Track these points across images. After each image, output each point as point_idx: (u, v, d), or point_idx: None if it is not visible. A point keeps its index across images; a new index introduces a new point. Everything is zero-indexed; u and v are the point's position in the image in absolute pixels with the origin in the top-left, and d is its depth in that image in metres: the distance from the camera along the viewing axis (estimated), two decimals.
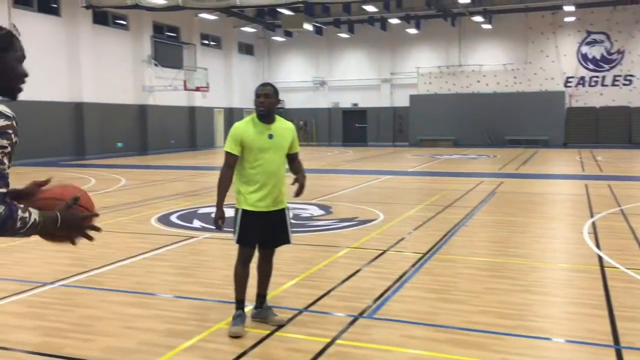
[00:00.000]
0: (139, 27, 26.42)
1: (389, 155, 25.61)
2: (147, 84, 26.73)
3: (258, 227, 4.27)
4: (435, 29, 32.43)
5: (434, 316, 4.58)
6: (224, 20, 31.27)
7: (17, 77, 2.07)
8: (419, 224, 8.61)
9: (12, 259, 6.58)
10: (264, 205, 4.25)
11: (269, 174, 4.23)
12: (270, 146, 4.23)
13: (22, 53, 2.10)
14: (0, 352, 3.93)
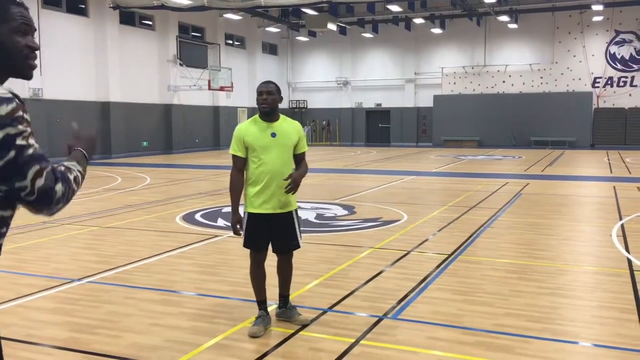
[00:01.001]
0: (165, 27, 26.69)
1: (413, 155, 25.47)
2: (172, 83, 26.99)
3: (265, 230, 4.24)
4: (460, 28, 32.17)
5: (459, 318, 4.54)
6: (248, 20, 31.43)
7: (17, 50, 1.80)
8: (443, 225, 8.55)
9: (40, 256, 6.69)
10: (269, 207, 4.20)
11: (273, 173, 4.16)
12: (273, 145, 4.18)
13: (20, 22, 1.81)
14: (30, 346, 4.00)
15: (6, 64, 1.80)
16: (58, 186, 1.76)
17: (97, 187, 13.20)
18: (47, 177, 1.73)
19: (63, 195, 1.78)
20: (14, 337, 4.11)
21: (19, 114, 1.71)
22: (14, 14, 1.79)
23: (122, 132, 24.48)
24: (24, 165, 1.69)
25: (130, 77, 24.86)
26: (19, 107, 1.72)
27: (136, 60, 25.31)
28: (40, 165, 1.73)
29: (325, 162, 21.41)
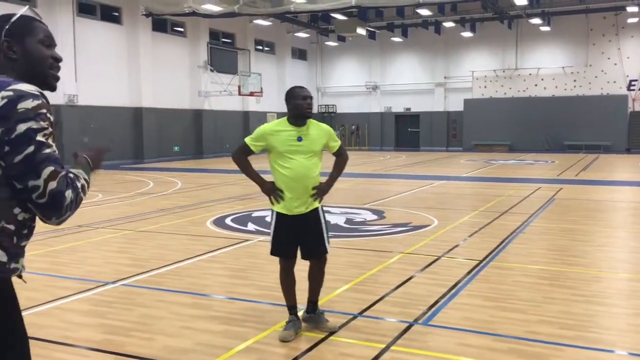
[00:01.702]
0: (196, 33, 27.06)
1: (443, 160, 25.27)
2: (203, 89, 27.33)
3: (293, 234, 4.21)
4: (491, 31, 31.85)
5: (491, 325, 4.48)
6: (278, 26, 31.65)
7: (43, 61, 1.92)
8: (474, 231, 8.45)
9: (75, 259, 6.83)
10: (295, 210, 4.18)
11: (298, 178, 4.14)
12: (298, 149, 4.16)
13: (44, 35, 1.94)
14: (66, 348, 4.09)
15: (32, 74, 1.90)
16: (68, 192, 1.77)
17: (130, 192, 13.43)
18: (60, 181, 1.75)
19: (72, 202, 1.78)
20: (51, 338, 4.20)
21: (43, 111, 1.76)
22: (37, 27, 1.92)
23: (154, 137, 24.86)
24: (40, 164, 1.71)
25: (162, 83, 25.26)
26: (44, 105, 1.77)
27: (168, 67, 25.71)
28: (55, 167, 1.76)
29: (355, 167, 21.39)
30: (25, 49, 1.89)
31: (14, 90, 1.72)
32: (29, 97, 1.73)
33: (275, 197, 4.18)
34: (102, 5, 22.79)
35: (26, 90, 1.75)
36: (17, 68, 1.88)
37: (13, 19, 1.90)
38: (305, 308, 4.48)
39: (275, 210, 4.23)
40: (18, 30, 1.89)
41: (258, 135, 4.24)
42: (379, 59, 35.33)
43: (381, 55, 35.27)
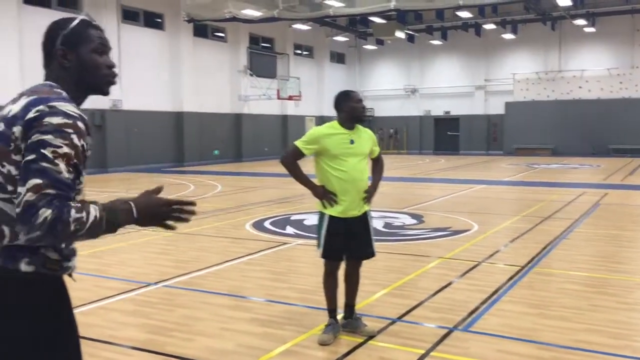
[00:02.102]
0: (236, 38, 27.40)
1: (483, 164, 24.91)
2: (243, 93, 27.64)
3: (343, 237, 4.21)
4: (533, 33, 31.26)
5: (534, 332, 4.39)
6: (317, 30, 31.77)
7: (97, 68, 1.93)
8: (515, 236, 8.31)
9: (119, 260, 7.00)
10: (347, 212, 4.20)
11: (352, 181, 4.17)
12: (351, 152, 4.20)
13: (99, 42, 1.94)
14: (111, 347, 4.19)
15: (87, 82, 1.93)
16: (44, 211, 1.61)
17: (171, 195, 13.67)
18: (40, 197, 1.63)
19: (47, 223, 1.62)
20: (97, 337, 4.32)
21: (67, 131, 1.71)
22: (91, 35, 1.93)
23: (195, 141, 25.26)
24: (30, 173, 1.66)
25: (203, 87, 25.66)
26: (72, 126, 1.73)
27: (208, 71, 26.10)
28: (44, 182, 1.64)
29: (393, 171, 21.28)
30: (79, 57, 1.91)
31: (51, 106, 1.74)
32: (60, 114, 1.73)
33: (327, 200, 4.19)
34: (146, 12, 23.30)
35: (62, 109, 1.74)
36: (70, 76, 1.91)
37: (69, 26, 1.92)
38: (343, 313, 4.47)
39: (327, 213, 4.21)
40: (73, 39, 1.91)
41: (311, 138, 4.22)
42: (418, 62, 35.09)
43: (420, 58, 35.02)
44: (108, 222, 1.71)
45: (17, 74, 18.33)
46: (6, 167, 1.76)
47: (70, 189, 1.71)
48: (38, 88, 1.87)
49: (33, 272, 1.80)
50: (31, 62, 18.58)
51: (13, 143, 1.74)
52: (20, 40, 18.56)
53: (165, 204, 1.79)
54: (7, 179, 1.76)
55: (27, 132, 1.72)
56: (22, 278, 1.79)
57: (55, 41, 1.92)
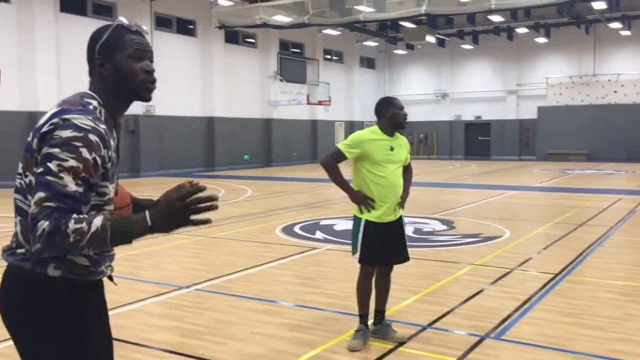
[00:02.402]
0: (267, 44, 27.63)
1: (515, 169, 24.57)
2: (273, 98, 27.82)
3: (380, 241, 4.23)
4: (566, 37, 30.76)
5: (568, 341, 4.32)
6: (347, 35, 31.82)
7: (133, 76, 1.92)
8: (548, 243, 8.17)
9: (151, 263, 7.11)
10: (385, 217, 4.24)
11: (390, 187, 4.23)
12: (391, 159, 4.25)
13: (135, 48, 1.92)
14: (143, 349, 4.26)
15: (125, 89, 1.94)
16: (42, 223, 1.64)
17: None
18: (42, 209, 1.66)
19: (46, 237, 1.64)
20: (130, 339, 4.39)
21: (75, 144, 1.71)
22: (128, 41, 1.92)
23: (225, 146, 25.51)
24: (37, 185, 1.71)
25: (234, 93, 25.92)
26: (82, 139, 1.72)
27: (239, 77, 26.37)
28: (46, 195, 1.67)
29: (423, 176, 21.13)
30: (115, 65, 1.91)
31: (64, 119, 1.74)
32: (71, 127, 1.72)
33: (365, 205, 4.20)
34: (178, 19, 23.68)
35: (75, 122, 1.73)
36: (109, 84, 1.93)
37: (105, 35, 1.92)
38: (373, 320, 4.45)
39: (364, 218, 4.23)
40: (109, 46, 1.91)
41: (355, 141, 4.23)
42: (449, 66, 34.83)
43: (451, 62, 34.76)
44: (119, 233, 1.68)
45: (55, 81, 18.81)
46: (29, 177, 1.81)
47: (77, 202, 1.70)
48: (69, 98, 1.89)
49: (60, 276, 1.83)
50: (67, 69, 19.08)
51: (33, 155, 1.79)
52: (57, 47, 19.05)
53: (177, 198, 1.70)
54: (29, 189, 1.80)
55: (40, 144, 1.75)
56: (49, 282, 1.83)
57: (93, 50, 1.94)
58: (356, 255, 4.28)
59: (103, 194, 1.87)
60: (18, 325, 1.87)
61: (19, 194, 1.86)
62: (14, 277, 1.86)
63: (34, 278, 1.82)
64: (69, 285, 1.86)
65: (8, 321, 1.90)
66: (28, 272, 1.82)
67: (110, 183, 1.88)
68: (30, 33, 18.29)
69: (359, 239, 4.24)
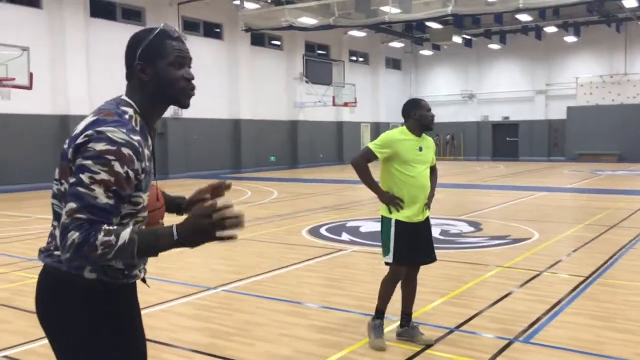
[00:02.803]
0: (292, 46, 27.74)
1: (544, 170, 24.22)
2: (298, 100, 27.91)
3: (412, 241, 4.25)
4: (596, 35, 30.22)
5: (599, 345, 4.25)
6: (372, 37, 31.76)
7: (173, 82, 1.93)
8: (579, 245, 8.05)
9: (180, 264, 7.20)
10: (417, 217, 4.28)
11: (420, 187, 4.26)
12: (420, 159, 4.29)
13: (176, 55, 1.93)
14: (173, 349, 4.32)
15: (165, 95, 1.96)
16: (72, 234, 1.68)
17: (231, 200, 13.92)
18: (73, 220, 1.69)
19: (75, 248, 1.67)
20: (160, 339, 4.46)
21: (109, 157, 1.74)
22: (169, 48, 1.93)
23: (251, 147, 25.68)
24: (69, 196, 1.74)
25: (260, 95, 26.08)
26: (115, 153, 1.74)
27: (265, 79, 26.52)
28: (77, 206, 1.70)
29: (450, 177, 20.98)
30: (156, 71, 1.91)
31: (99, 132, 1.76)
32: (105, 140, 1.75)
33: (395, 206, 4.22)
34: (205, 22, 23.92)
35: (109, 134, 1.75)
36: (148, 90, 1.93)
37: (147, 40, 1.92)
38: (400, 322, 4.45)
39: (394, 218, 4.24)
40: (150, 52, 1.91)
41: (386, 141, 4.27)
42: (476, 66, 34.51)
43: (478, 63, 34.44)
44: (146, 246, 1.72)
45: (85, 86, 19.17)
46: (64, 185, 1.85)
47: (107, 214, 1.73)
48: (105, 107, 1.90)
49: (95, 279, 1.88)
50: (97, 73, 19.43)
51: (68, 164, 1.82)
52: (88, 52, 19.41)
53: (204, 215, 1.73)
54: (64, 197, 1.84)
55: (75, 155, 1.78)
56: (85, 284, 1.87)
57: (134, 55, 1.93)
58: (389, 256, 4.27)
59: (136, 203, 1.90)
60: (53, 325, 1.92)
61: (56, 199, 1.90)
62: (50, 278, 1.91)
63: (70, 280, 1.87)
64: (104, 288, 1.90)
65: (44, 321, 1.94)
66: (64, 274, 1.87)
67: (144, 192, 1.91)
68: (61, 38, 18.67)
69: (391, 239, 4.25)
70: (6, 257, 7.70)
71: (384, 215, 4.31)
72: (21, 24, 17.80)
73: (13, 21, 17.59)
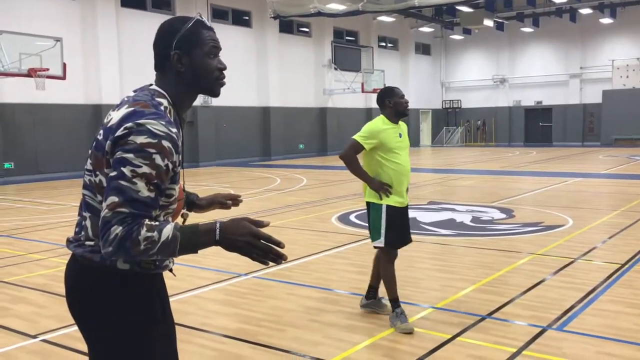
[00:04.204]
0: (321, 33, 27.62)
1: (578, 156, 23.73)
2: (327, 87, 27.83)
3: (400, 224, 4.47)
4: (634, 17, 29.36)
5: (636, 334, 4.16)
6: (401, 22, 31.42)
7: (208, 72, 1.94)
8: (614, 232, 7.87)
9: (212, 250, 7.21)
10: (405, 202, 4.51)
11: (406, 172, 4.48)
12: (402, 145, 4.50)
13: (211, 45, 1.94)
14: (204, 334, 4.38)
15: (199, 84, 1.96)
16: (115, 228, 1.66)
17: (259, 188, 14.03)
18: (115, 214, 1.67)
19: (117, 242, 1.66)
20: (191, 324, 4.52)
21: (150, 151, 1.72)
22: (205, 38, 1.94)
23: (281, 135, 25.75)
24: (110, 189, 1.71)
25: (289, 82, 26.08)
26: (156, 146, 1.73)
27: (294, 66, 26.49)
28: (120, 200, 1.68)
29: (481, 164, 20.72)
30: (193, 62, 1.91)
31: (138, 124, 1.74)
32: (146, 133, 1.73)
33: (384, 192, 4.39)
34: (234, 10, 23.97)
35: (149, 127, 1.74)
36: (183, 80, 1.93)
37: (183, 29, 1.91)
38: (366, 294, 4.76)
39: (385, 204, 4.41)
40: (187, 42, 1.90)
41: (371, 132, 4.43)
42: (508, 50, 33.88)
43: (510, 46, 33.80)
44: (187, 243, 1.70)
45: (117, 75, 19.44)
46: (98, 177, 1.83)
47: (148, 208, 1.72)
48: (140, 97, 1.88)
49: (128, 269, 1.88)
50: (128, 62, 19.67)
51: (105, 156, 1.80)
52: (119, 41, 19.65)
53: (252, 234, 1.73)
54: (98, 188, 1.83)
55: (114, 148, 1.76)
56: (118, 274, 1.88)
57: (169, 43, 1.91)
58: (380, 240, 4.43)
59: (170, 196, 1.90)
60: (87, 315, 1.93)
61: (88, 190, 1.90)
62: (82, 267, 1.91)
63: (104, 269, 1.87)
64: (137, 278, 1.91)
65: (77, 311, 1.95)
66: (98, 264, 1.87)
67: (176, 185, 1.91)
68: (93, 28, 18.94)
69: (382, 224, 4.41)
70: (43, 243, 7.89)
71: (374, 201, 4.46)
72: (54, 15, 18.10)
73: (46, 13, 17.90)
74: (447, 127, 35.70)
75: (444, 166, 20.59)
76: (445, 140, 35.45)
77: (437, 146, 34.76)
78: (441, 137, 35.67)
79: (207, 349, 4.09)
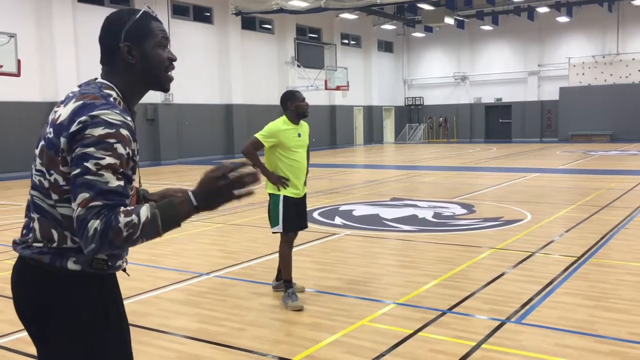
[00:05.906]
0: (283, 30, 27.51)
1: (536, 151, 24.26)
2: (290, 84, 27.73)
3: (296, 213, 5.00)
4: (589, 15, 30.14)
5: (591, 325, 4.26)
6: (364, 19, 31.54)
7: (160, 63, 1.90)
8: (571, 226, 8.06)
9: (172, 250, 7.16)
10: (300, 193, 5.04)
11: (302, 167, 5.03)
12: (300, 144, 5.02)
13: (161, 36, 1.90)
14: (164, 335, 4.29)
15: (150, 78, 1.91)
16: (93, 222, 1.62)
17: None
18: (89, 210, 1.63)
19: (99, 236, 1.62)
20: (151, 326, 4.43)
21: (110, 141, 1.68)
22: (155, 29, 1.90)
23: (244, 132, 25.52)
24: (77, 187, 1.66)
25: (252, 79, 25.90)
26: (115, 135, 1.69)
27: (257, 64, 26.32)
28: (90, 195, 1.64)
29: (442, 160, 20.99)
30: (143, 53, 1.87)
31: (92, 116, 1.69)
32: (102, 124, 1.68)
33: (282, 185, 4.92)
34: (195, 7, 23.66)
35: (104, 117, 1.69)
36: (134, 72, 1.88)
37: (131, 21, 1.86)
38: (276, 276, 5.30)
39: (282, 195, 4.94)
40: (137, 33, 1.86)
41: (271, 132, 4.94)
42: (468, 48, 34.38)
43: (470, 44, 34.31)
44: (168, 218, 1.68)
45: (74, 72, 18.96)
46: (53, 176, 1.77)
47: (122, 196, 1.69)
48: (87, 90, 1.82)
49: (80, 270, 1.82)
50: (86, 58, 19.21)
51: (60, 154, 1.74)
52: (76, 37, 19.17)
53: (219, 176, 1.71)
54: (53, 188, 1.77)
55: (71, 145, 1.70)
56: (69, 276, 1.81)
57: (117, 36, 1.86)
58: (278, 227, 4.96)
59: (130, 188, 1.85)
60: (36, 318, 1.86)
61: (37, 190, 1.83)
62: (32, 270, 1.84)
63: (53, 271, 1.81)
64: (88, 279, 1.85)
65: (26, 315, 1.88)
66: (47, 265, 1.81)
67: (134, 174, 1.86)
68: (49, 23, 18.43)
69: (279, 213, 4.93)
70: None
71: (273, 192, 4.98)
72: (7, 10, 17.53)
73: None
74: (409, 124, 36.04)
75: (406, 163, 20.77)
76: (408, 137, 35.80)
77: (400, 143, 35.07)
78: (404, 133, 36.00)
79: (167, 350, 4.01)
